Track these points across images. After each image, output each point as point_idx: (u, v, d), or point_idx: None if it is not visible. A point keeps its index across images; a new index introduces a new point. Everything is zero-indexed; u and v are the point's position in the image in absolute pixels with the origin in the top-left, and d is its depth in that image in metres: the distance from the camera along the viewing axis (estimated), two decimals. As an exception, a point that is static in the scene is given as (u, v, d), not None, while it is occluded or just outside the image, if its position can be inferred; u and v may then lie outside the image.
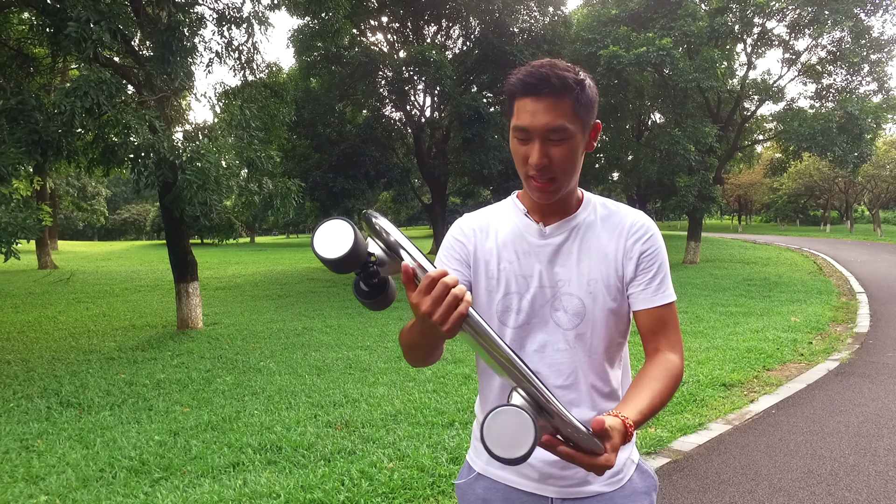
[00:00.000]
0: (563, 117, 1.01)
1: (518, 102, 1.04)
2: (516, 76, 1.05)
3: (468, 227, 1.18)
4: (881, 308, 8.89)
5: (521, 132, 1.04)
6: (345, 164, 15.76)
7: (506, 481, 1.14)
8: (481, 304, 1.14)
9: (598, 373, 1.11)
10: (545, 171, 1.04)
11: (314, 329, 8.29)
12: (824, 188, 38.85)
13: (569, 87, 1.02)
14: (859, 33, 16.74)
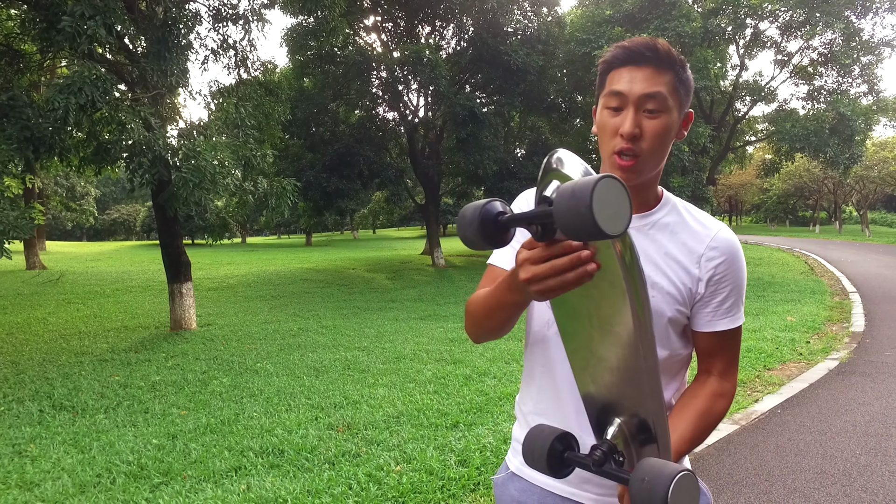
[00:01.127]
0: (659, 85, 0.97)
1: (614, 73, 0.99)
2: (614, 47, 1.01)
3: (531, 201, 1.10)
4: (875, 307, 8.93)
5: (615, 97, 0.98)
6: (338, 163, 15.65)
7: (542, 484, 1.10)
8: None
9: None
10: (634, 143, 0.97)
11: (310, 330, 8.20)
12: (814, 189, 39.22)
13: (673, 60, 0.98)
14: (850, 35, 16.89)
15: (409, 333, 7.85)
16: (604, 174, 0.64)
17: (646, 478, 0.73)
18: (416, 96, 17.58)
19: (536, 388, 1.11)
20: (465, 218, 0.75)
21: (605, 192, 0.62)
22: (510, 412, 4.27)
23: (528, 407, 1.13)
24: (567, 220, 0.63)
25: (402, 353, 6.58)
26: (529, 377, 1.13)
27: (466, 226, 0.75)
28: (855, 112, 16.04)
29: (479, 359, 6.13)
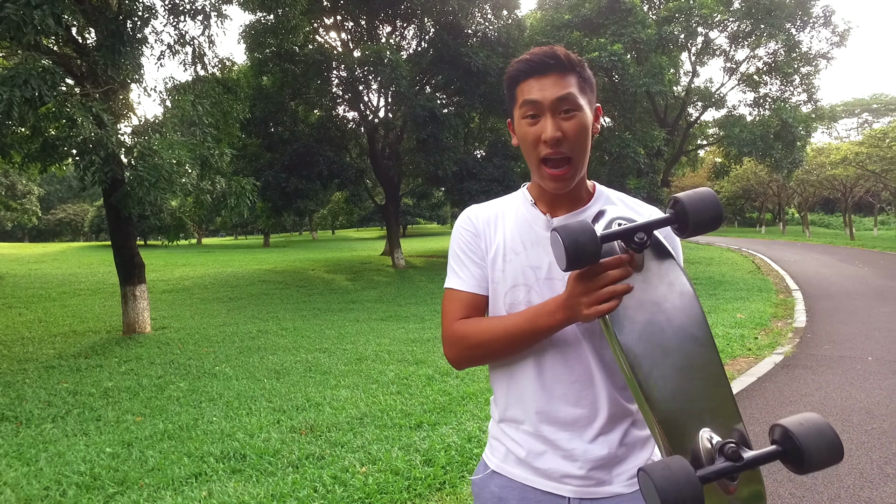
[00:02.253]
0: (569, 88, 1.03)
1: (522, 86, 1.05)
2: (517, 62, 1.06)
3: (478, 219, 1.16)
4: (815, 304, 9.40)
5: (530, 107, 1.03)
6: (297, 163, 15.43)
7: (522, 480, 1.11)
8: (493, 298, 1.12)
9: (612, 365, 1.08)
10: (559, 146, 1.02)
11: (269, 332, 8.07)
12: (760, 192, 40.88)
13: (573, 63, 1.05)
14: (791, 47, 17.74)
15: (371, 334, 7.81)
16: (706, 189, 0.91)
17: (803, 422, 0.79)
18: (377, 96, 17.51)
19: (505, 388, 1.14)
20: (582, 231, 0.84)
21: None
22: (473, 412, 4.32)
23: (500, 406, 1.16)
24: (703, 215, 0.88)
25: (364, 354, 6.55)
26: (496, 378, 1.16)
27: (587, 240, 0.83)
28: (796, 119, 16.84)
29: (441, 359, 6.16)
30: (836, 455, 0.78)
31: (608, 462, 1.07)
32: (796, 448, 0.78)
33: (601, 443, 1.07)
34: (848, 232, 35.24)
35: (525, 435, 1.11)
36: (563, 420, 1.07)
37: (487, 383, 5.04)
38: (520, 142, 1.08)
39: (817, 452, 0.77)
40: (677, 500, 0.73)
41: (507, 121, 1.14)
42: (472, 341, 1.08)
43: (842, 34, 18.22)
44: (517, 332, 1.03)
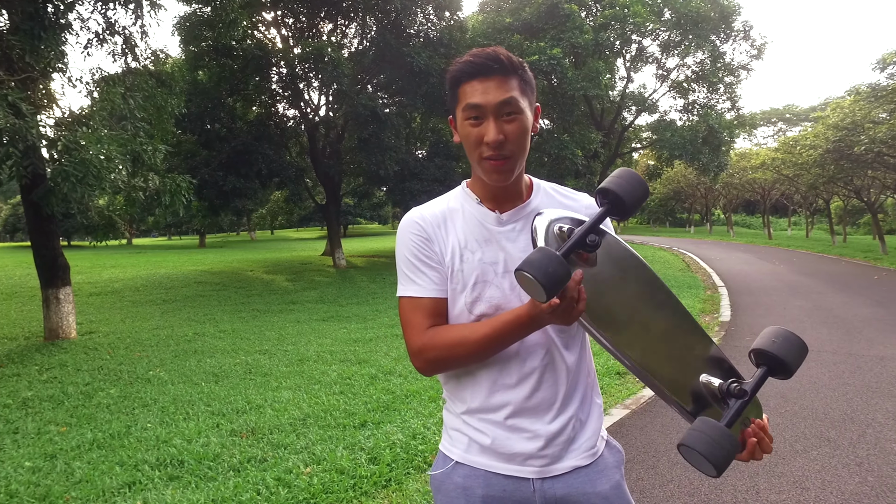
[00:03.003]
0: (511, 91, 1.05)
1: (465, 87, 1.07)
2: (459, 63, 1.08)
3: (427, 223, 1.15)
4: (738, 299, 10.00)
5: (473, 110, 1.05)
6: (236, 161, 14.96)
7: (486, 467, 1.13)
8: (451, 298, 1.13)
9: (571, 349, 1.14)
10: (501, 148, 1.05)
11: (206, 334, 7.81)
12: (689, 193, 42.95)
13: (515, 66, 1.07)
14: (716, 57, 18.80)
15: (312, 335, 7.71)
16: (623, 168, 0.96)
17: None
18: (318, 94, 17.24)
19: (468, 381, 1.15)
20: (549, 261, 0.85)
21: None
22: (418, 409, 4.35)
23: (462, 398, 1.17)
24: (634, 196, 0.93)
25: (306, 355, 6.46)
26: (458, 372, 1.16)
27: (556, 268, 0.85)
28: (721, 125, 17.85)
29: (384, 358, 6.16)
30: (804, 352, 0.95)
31: (567, 438, 1.13)
32: (778, 361, 0.94)
33: (561, 421, 1.12)
34: (766, 232, 37.58)
35: (489, 424, 1.13)
36: (528, 405, 1.11)
37: (431, 381, 5.09)
38: (462, 141, 1.11)
39: (794, 358, 0.94)
40: (727, 458, 0.86)
41: (449, 118, 1.16)
42: (445, 354, 1.08)
43: (759, 48, 19.46)
44: (490, 343, 1.05)
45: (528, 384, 1.11)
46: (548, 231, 0.97)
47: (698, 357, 1.03)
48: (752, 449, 0.98)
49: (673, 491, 3.05)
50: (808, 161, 20.77)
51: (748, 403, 0.94)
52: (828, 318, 8.01)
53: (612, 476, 1.16)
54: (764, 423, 1.00)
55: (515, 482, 1.12)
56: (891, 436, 3.77)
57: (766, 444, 0.99)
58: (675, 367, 1.01)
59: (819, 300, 9.73)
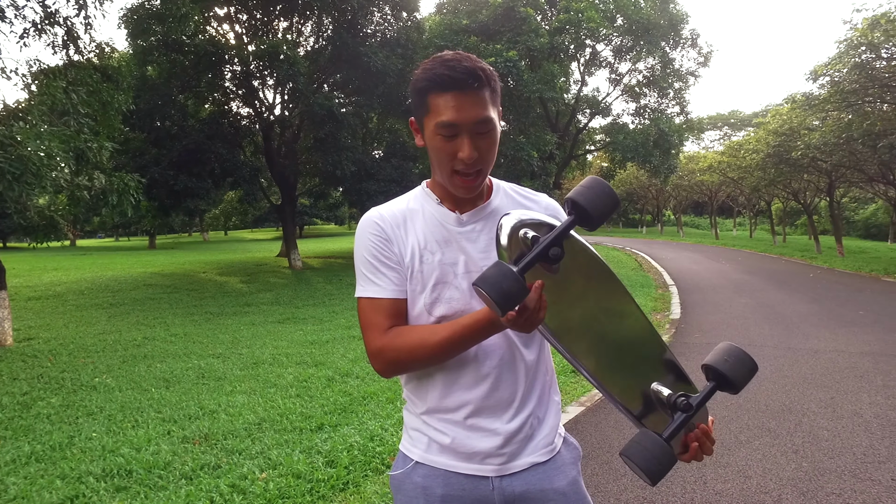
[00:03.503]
0: (487, 108, 1.03)
1: (438, 98, 1.02)
2: (431, 71, 1.03)
3: (386, 223, 1.14)
4: (687, 297, 10.36)
5: (448, 128, 1.02)
6: (187, 160, 14.52)
7: (445, 466, 1.13)
8: (411, 300, 1.13)
9: (530, 347, 1.15)
10: (475, 164, 1.04)
11: (157, 338, 7.56)
12: (641, 195, 44.19)
13: (489, 77, 1.04)
14: (666, 63, 19.43)
15: (268, 338, 7.57)
16: (592, 177, 0.95)
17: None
18: (273, 93, 16.93)
19: (429, 381, 1.15)
20: (503, 277, 0.85)
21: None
22: (375, 411, 4.34)
23: (423, 398, 1.17)
24: (602, 208, 0.93)
25: (261, 358, 6.34)
26: (418, 373, 1.16)
27: (511, 284, 0.84)
28: (671, 129, 18.45)
29: (340, 360, 6.11)
30: (754, 370, 1.01)
31: (525, 436, 1.14)
32: (726, 379, 0.99)
33: (520, 419, 1.13)
34: (714, 232, 39.03)
35: (449, 423, 1.13)
36: (488, 404, 1.12)
37: (389, 382, 5.08)
38: (431, 153, 1.08)
39: (742, 376, 0.99)
40: (662, 472, 0.92)
41: (411, 119, 1.13)
42: (405, 356, 1.08)
43: (706, 55, 20.24)
44: (450, 346, 1.05)
45: (486, 383, 1.11)
46: (512, 234, 0.95)
47: (652, 365, 1.06)
48: (693, 453, 1.02)
49: (626, 485, 3.14)
50: (751, 165, 21.70)
51: (691, 417, 0.98)
52: (769, 315, 8.39)
53: (569, 472, 1.18)
54: (707, 428, 1.04)
55: (474, 481, 1.13)
56: (822, 423, 3.99)
57: (707, 447, 1.03)
58: (628, 375, 1.04)
59: (761, 297, 10.18)
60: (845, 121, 15.64)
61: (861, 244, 34.16)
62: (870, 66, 13.51)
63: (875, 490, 3.02)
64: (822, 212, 32.67)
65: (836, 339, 6.65)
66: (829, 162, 18.09)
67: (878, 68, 13.73)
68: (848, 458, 3.41)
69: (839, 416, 4.15)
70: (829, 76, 14.37)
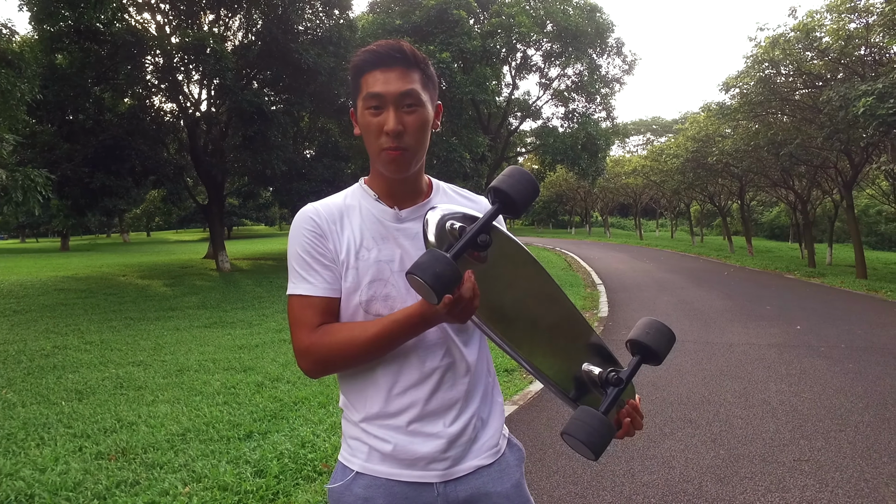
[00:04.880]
0: (413, 83, 1.06)
1: (367, 77, 1.06)
2: (363, 53, 1.07)
3: (321, 219, 1.11)
4: (614, 296, 10.78)
5: (374, 99, 1.05)
6: (104, 157, 13.61)
7: (387, 475, 1.10)
8: (345, 297, 1.10)
9: (470, 346, 1.14)
10: (399, 139, 1.05)
11: (69, 347, 7.06)
12: (570, 197, 45.62)
13: (418, 59, 1.08)
14: (593, 70, 20.16)
15: (193, 343, 7.24)
16: (513, 167, 0.97)
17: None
18: (199, 88, 16.22)
19: (364, 387, 1.12)
20: (437, 261, 0.85)
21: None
22: (307, 416, 4.23)
23: (360, 405, 1.13)
24: (524, 194, 0.95)
25: (186, 364, 6.05)
26: (353, 378, 1.13)
27: (444, 268, 0.85)
28: (598, 133, 19.16)
29: (271, 364, 5.93)
30: (672, 341, 1.06)
31: (469, 438, 1.12)
32: (650, 350, 1.04)
33: (462, 421, 1.11)
34: (638, 233, 40.87)
35: (390, 430, 1.10)
36: (429, 408, 1.10)
37: (320, 386, 4.98)
38: (362, 131, 1.09)
39: (663, 346, 1.05)
40: (604, 444, 0.95)
41: (350, 110, 1.14)
42: (334, 353, 1.05)
43: (630, 63, 21.19)
44: (381, 342, 1.03)
45: (428, 385, 1.09)
46: (439, 227, 0.96)
47: (581, 347, 1.09)
48: (626, 428, 1.06)
49: (559, 481, 3.22)
50: (672, 168, 22.87)
51: (624, 390, 1.03)
52: (689, 311, 8.86)
53: (513, 475, 1.18)
54: (636, 403, 1.09)
55: (418, 488, 1.10)
56: (737, 412, 4.25)
57: (638, 421, 1.08)
58: (560, 358, 1.07)
59: (682, 295, 10.74)
60: (753, 130, 16.83)
61: (767, 244, 36.77)
62: (772, 81, 14.60)
63: (780, 471, 3.25)
64: (735, 214, 34.93)
65: (748, 333, 7.12)
66: (740, 167, 19.37)
67: (779, 83, 14.85)
68: (758, 444, 3.65)
69: (751, 404, 4.43)
70: (739, 88, 15.38)
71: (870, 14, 12.34)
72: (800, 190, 20.43)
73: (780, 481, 3.14)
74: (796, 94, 15.20)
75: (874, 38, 12.45)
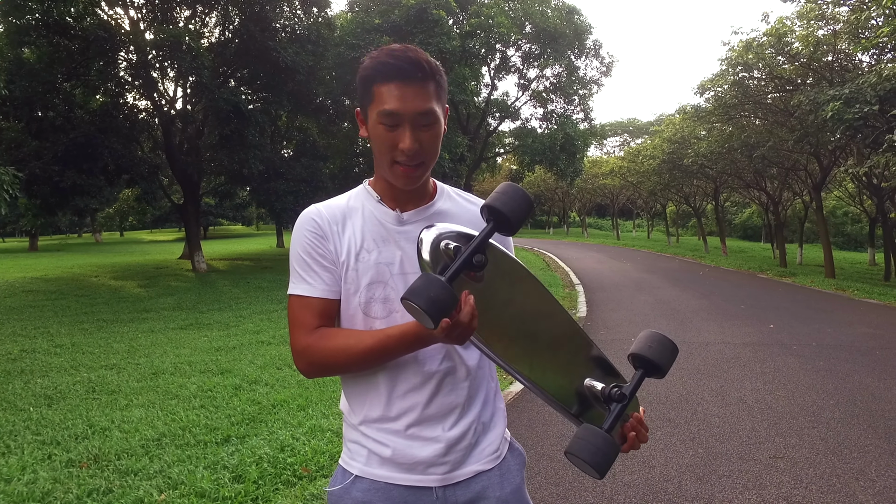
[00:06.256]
0: (431, 101, 1.03)
1: (382, 87, 1.02)
2: (377, 60, 1.03)
3: (323, 220, 1.11)
4: (593, 296, 10.87)
5: (390, 117, 1.01)
6: (76, 155, 13.26)
7: (386, 479, 1.10)
8: (345, 298, 1.10)
9: (471, 350, 1.12)
10: (415, 157, 1.03)
11: (38, 350, 6.87)
12: (548, 197, 45.94)
13: (434, 70, 1.04)
14: (571, 71, 20.34)
15: (169, 345, 7.11)
16: (506, 183, 0.95)
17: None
18: (174, 85, 15.94)
19: (365, 391, 1.12)
20: (431, 286, 0.83)
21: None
22: (286, 419, 4.18)
23: (360, 409, 1.13)
24: (518, 211, 0.94)
25: (161, 367, 5.93)
26: (355, 382, 1.13)
27: (439, 293, 0.83)
28: (576, 134, 19.33)
29: (248, 366, 5.85)
30: (675, 352, 1.06)
31: (469, 444, 1.12)
32: (653, 364, 1.03)
33: (462, 426, 1.11)
34: (615, 233, 41.35)
35: (389, 434, 1.10)
36: (429, 412, 1.09)
37: (299, 389, 4.92)
38: (373, 142, 1.07)
39: (666, 359, 1.04)
40: (609, 463, 0.94)
41: (356, 109, 1.11)
42: (328, 359, 1.06)
43: (608, 65, 21.43)
44: (375, 355, 1.04)
45: (427, 389, 1.09)
46: (433, 247, 0.94)
47: (582, 362, 1.08)
48: (632, 442, 1.05)
49: (541, 482, 3.23)
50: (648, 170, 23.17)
51: (628, 406, 1.02)
52: (666, 311, 8.98)
53: (513, 479, 1.17)
54: (640, 416, 1.07)
55: (417, 493, 1.10)
56: (714, 411, 4.32)
57: (643, 434, 1.06)
58: (561, 374, 1.05)
59: (659, 294, 10.89)
60: (727, 132, 17.15)
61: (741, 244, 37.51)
62: (745, 84, 14.91)
63: (756, 469, 3.30)
64: (709, 214, 35.57)
65: (723, 332, 7.24)
66: (715, 169, 19.73)
67: (752, 86, 15.17)
68: (735, 442, 3.71)
69: (727, 402, 4.51)
70: (714, 91, 15.66)
71: (836, 22, 12.68)
72: (772, 191, 20.89)
73: (757, 478, 3.19)
74: (768, 97, 15.53)
75: (841, 44, 12.79)
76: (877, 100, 9.97)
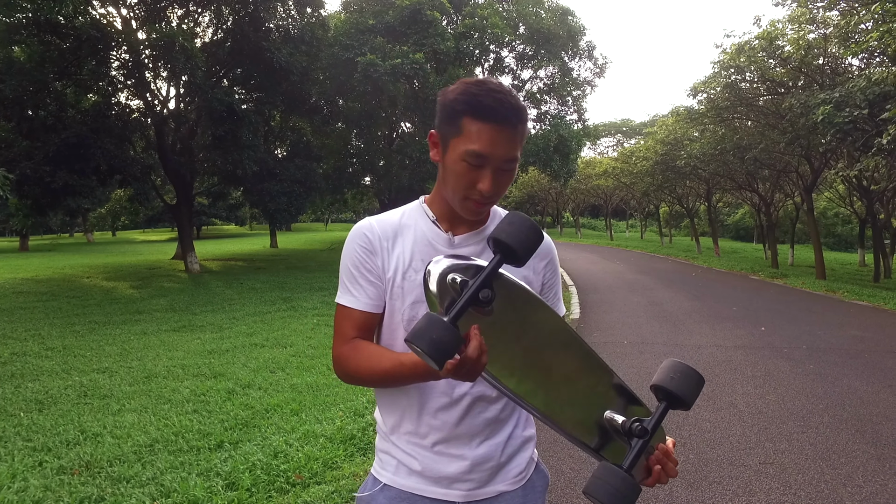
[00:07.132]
0: (518, 148, 1.04)
1: (473, 125, 1.01)
2: (471, 94, 1.01)
3: (374, 235, 1.13)
4: (586, 297, 10.92)
5: (477, 158, 1.01)
6: (68, 155, 13.16)
7: (413, 490, 1.13)
8: (389, 312, 1.13)
9: None
10: (492, 198, 1.06)
11: (28, 353, 6.83)
12: (542, 197, 46.03)
13: (525, 117, 1.05)
14: (565, 72, 20.40)
15: (161, 348, 7.08)
16: (513, 213, 0.92)
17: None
18: (167, 85, 15.88)
19: (395, 403, 1.15)
20: (433, 327, 0.80)
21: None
22: (279, 424, 4.18)
23: (390, 420, 1.17)
24: (526, 243, 0.89)
25: (154, 370, 5.91)
26: (388, 393, 1.17)
27: (442, 335, 0.80)
28: (570, 135, 19.37)
29: (241, 370, 5.84)
30: (701, 384, 0.99)
31: (496, 464, 1.14)
32: (676, 397, 0.96)
33: (488, 446, 1.13)
34: (609, 233, 41.48)
35: (418, 448, 1.13)
36: (457, 432, 1.12)
37: (293, 393, 4.93)
38: (450, 174, 1.06)
39: (690, 391, 0.97)
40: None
41: (432, 132, 1.10)
42: (353, 371, 1.10)
43: (601, 66, 21.49)
44: (389, 379, 1.06)
45: (457, 410, 1.11)
46: (440, 280, 0.91)
47: (601, 393, 1.02)
48: (657, 476, 0.99)
49: (530, 486, 3.24)
50: (642, 171, 23.26)
51: (648, 442, 0.96)
52: (659, 313, 9.03)
53: (536, 501, 1.20)
54: (668, 447, 1.01)
55: None
56: (705, 416, 4.35)
57: (671, 468, 1.00)
58: (578, 408, 1.00)
59: (651, 296, 10.94)
60: (719, 134, 17.26)
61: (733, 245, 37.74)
62: (737, 87, 15.01)
63: (746, 475, 3.34)
64: (702, 215, 35.74)
65: (715, 335, 7.29)
66: (707, 170, 19.83)
67: (744, 89, 15.28)
68: (726, 447, 3.74)
69: (718, 407, 4.54)
70: (706, 93, 15.76)
71: (827, 26, 12.78)
72: (763, 193, 21.03)
73: (747, 485, 3.22)
74: (760, 99, 15.64)
75: (831, 48, 12.89)
76: (866, 104, 10.07)
